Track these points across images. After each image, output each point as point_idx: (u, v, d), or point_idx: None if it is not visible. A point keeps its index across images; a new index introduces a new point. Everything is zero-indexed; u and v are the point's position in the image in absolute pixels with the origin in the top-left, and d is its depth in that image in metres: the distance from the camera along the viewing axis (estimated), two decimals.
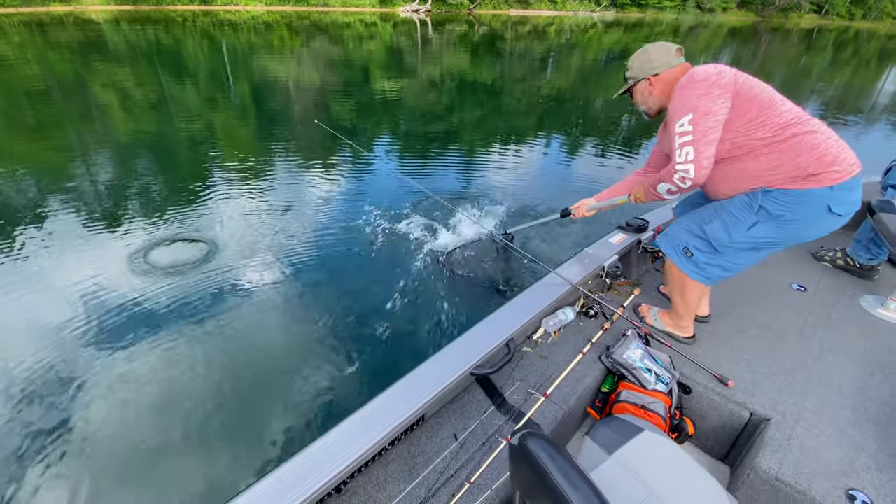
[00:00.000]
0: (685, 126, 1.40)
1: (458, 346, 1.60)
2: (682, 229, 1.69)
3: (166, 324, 2.70)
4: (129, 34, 19.76)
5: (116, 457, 1.96)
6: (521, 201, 4.41)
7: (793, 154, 1.37)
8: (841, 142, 1.39)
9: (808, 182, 1.37)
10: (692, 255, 1.64)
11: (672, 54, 1.57)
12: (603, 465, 1.25)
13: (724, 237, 1.55)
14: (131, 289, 2.98)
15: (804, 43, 27.70)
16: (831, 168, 1.35)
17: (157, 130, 6.70)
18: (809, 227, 1.45)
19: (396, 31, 25.99)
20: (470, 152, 6.11)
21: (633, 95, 1.71)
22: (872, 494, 1.26)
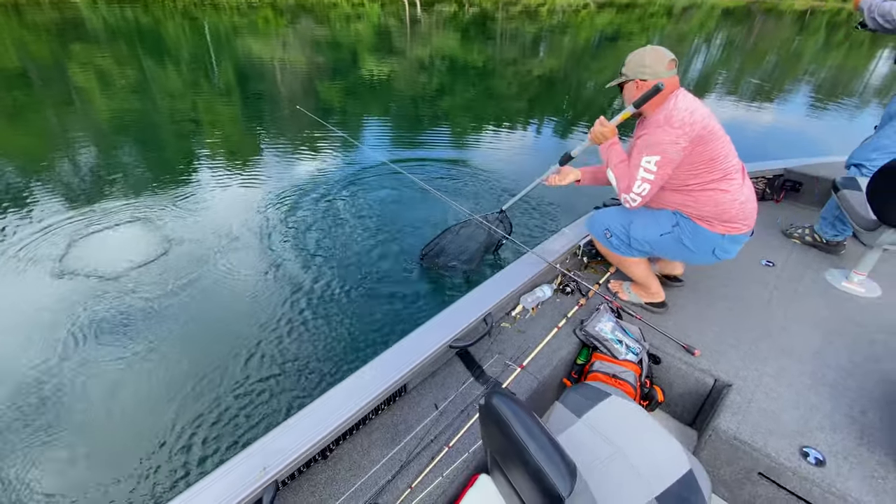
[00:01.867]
0: (651, 165, 1.59)
1: (438, 321, 1.67)
2: (608, 217, 1.92)
3: (151, 301, 2.74)
4: (107, 15, 19.13)
5: (115, 417, 2.03)
6: (513, 184, 4.45)
7: (703, 203, 1.66)
8: (747, 204, 1.67)
9: (707, 224, 1.69)
10: (610, 237, 1.89)
11: (665, 65, 1.61)
12: (572, 427, 1.33)
13: (640, 235, 1.81)
14: (108, 273, 3.01)
15: (797, 25, 27.64)
16: (727, 223, 1.68)
17: (136, 115, 6.59)
18: (695, 257, 1.79)
19: (384, 11, 25.45)
20: (459, 137, 6.10)
21: (622, 89, 1.78)
22: (825, 451, 1.36)
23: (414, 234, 3.52)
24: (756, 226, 2.59)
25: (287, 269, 3.08)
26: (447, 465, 1.34)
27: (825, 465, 1.32)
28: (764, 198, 3.00)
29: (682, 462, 1.21)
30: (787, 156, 3.13)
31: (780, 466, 1.34)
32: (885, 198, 1.75)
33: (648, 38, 18.43)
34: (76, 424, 2.06)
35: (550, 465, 0.86)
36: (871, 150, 2.14)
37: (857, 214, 1.92)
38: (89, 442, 1.99)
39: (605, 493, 1.16)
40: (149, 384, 2.25)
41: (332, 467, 1.34)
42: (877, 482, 1.27)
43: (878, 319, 1.90)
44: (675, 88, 1.62)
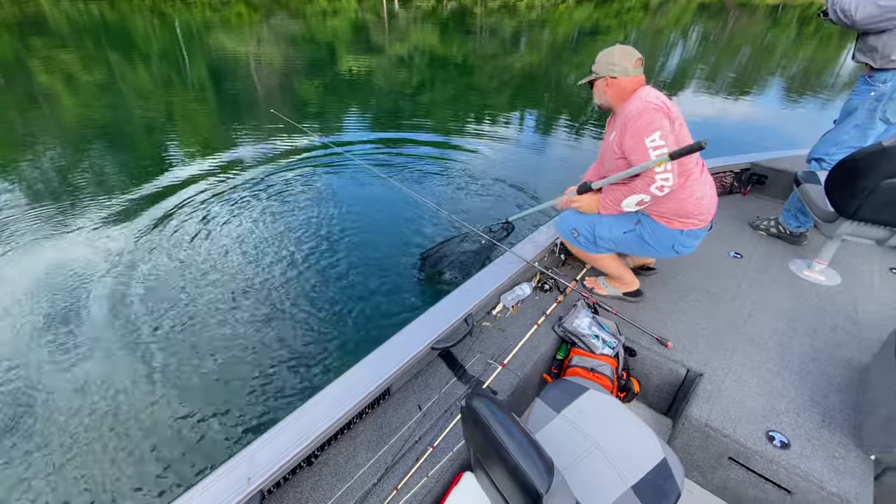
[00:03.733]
0: (657, 141, 1.57)
1: (419, 323, 1.70)
2: (575, 217, 1.97)
3: (136, 309, 2.70)
4: (71, 11, 18.37)
5: (91, 438, 1.99)
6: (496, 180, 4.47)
7: (663, 199, 1.71)
8: (703, 199, 1.73)
9: (665, 220, 1.76)
10: (578, 235, 1.95)
11: (632, 63, 1.69)
12: (551, 423, 1.37)
13: (606, 233, 1.88)
14: (85, 277, 2.94)
15: (770, 19, 28.36)
16: (684, 219, 1.74)
17: (102, 118, 6.39)
18: (656, 252, 1.86)
19: (361, 6, 25.13)
20: (441, 134, 6.09)
21: (592, 86, 1.85)
22: (789, 434, 1.44)
23: (394, 236, 3.51)
24: (724, 219, 2.69)
25: (265, 276, 3.05)
26: (432, 465, 1.37)
27: (790, 448, 1.39)
28: (732, 191, 3.11)
29: (657, 451, 1.26)
30: (757, 149, 3.25)
31: (749, 451, 1.41)
32: (842, 191, 1.84)
33: (626, 33, 18.68)
34: (55, 437, 2.02)
35: (528, 463, 0.89)
36: (830, 145, 2.24)
37: (817, 207, 2.02)
38: (68, 459, 1.95)
39: (584, 485, 1.20)
40: (126, 396, 2.21)
41: (317, 473, 1.35)
42: (838, 462, 1.35)
43: (839, 306, 2.00)
44: (642, 84, 1.71)
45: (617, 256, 2.00)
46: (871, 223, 1.86)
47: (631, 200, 1.70)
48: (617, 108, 1.77)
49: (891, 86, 1.99)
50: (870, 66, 2.06)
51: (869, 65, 2.05)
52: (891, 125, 2.07)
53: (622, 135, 1.68)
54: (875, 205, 1.79)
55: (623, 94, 1.73)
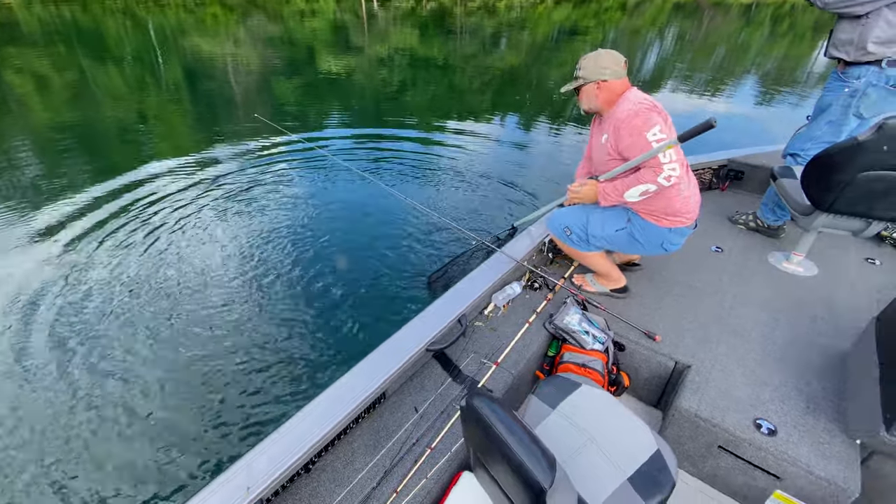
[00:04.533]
0: (658, 134, 1.58)
1: (413, 326, 1.70)
2: (567, 215, 1.97)
3: (125, 317, 2.63)
4: (43, 15, 17.75)
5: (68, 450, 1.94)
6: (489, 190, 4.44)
7: (653, 198, 1.73)
8: (690, 198, 1.77)
9: (654, 219, 1.78)
10: (570, 234, 1.95)
11: (621, 66, 1.73)
12: (547, 419, 1.39)
13: (599, 231, 1.90)
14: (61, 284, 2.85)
15: (744, 17, 29.14)
16: (672, 217, 1.77)
17: (75, 123, 6.19)
18: (645, 250, 1.90)
19: (340, 6, 24.92)
20: (425, 134, 6.09)
21: (578, 93, 1.85)
22: (776, 421, 1.48)
23: (387, 240, 3.49)
24: (704, 214, 2.76)
25: (253, 282, 3.01)
26: (430, 466, 1.37)
27: (777, 435, 1.44)
28: (711, 187, 3.19)
29: (650, 443, 1.29)
30: (734, 146, 3.34)
31: (737, 439, 1.45)
32: (818, 185, 1.91)
33: (605, 33, 18.96)
34: (54, 447, 1.96)
35: (531, 460, 0.90)
36: (805, 141, 2.32)
37: (794, 201, 2.09)
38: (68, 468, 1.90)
39: (582, 479, 1.22)
40: (122, 406, 2.16)
41: (315, 480, 1.34)
42: (823, 447, 1.39)
43: (817, 296, 2.07)
44: (629, 86, 1.75)
45: (605, 254, 2.03)
46: (846, 215, 1.94)
47: (635, 191, 1.68)
48: (606, 111, 1.79)
49: (864, 81, 2.07)
50: (843, 62, 2.13)
51: (842, 60, 2.13)
52: (864, 120, 2.15)
53: (617, 137, 1.69)
54: (851, 197, 1.86)
55: (613, 96, 1.75)
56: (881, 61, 1.99)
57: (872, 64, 2.01)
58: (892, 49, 1.96)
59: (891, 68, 1.99)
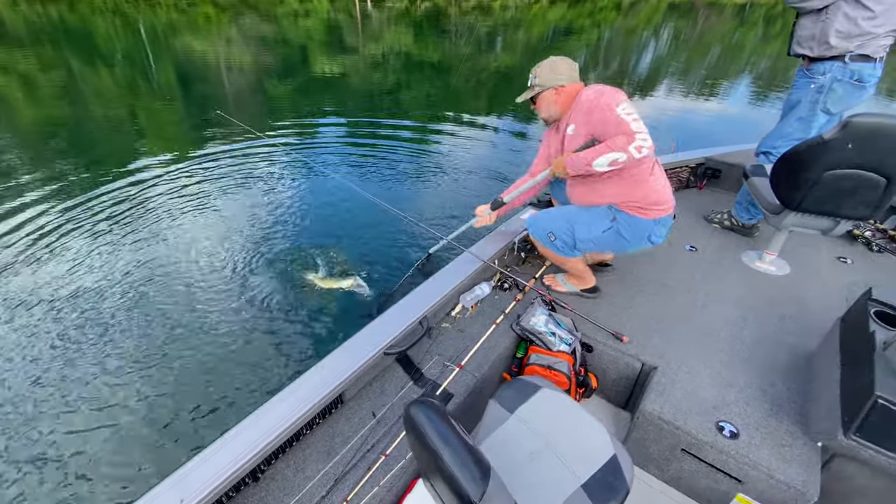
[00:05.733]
0: (626, 108, 1.58)
1: (373, 328, 1.66)
2: (550, 219, 1.92)
3: (65, 327, 2.57)
4: (30, 14, 17.61)
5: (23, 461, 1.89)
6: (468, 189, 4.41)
7: (634, 189, 1.73)
8: (666, 185, 1.78)
9: (640, 212, 1.76)
10: (555, 239, 1.90)
11: (576, 70, 1.77)
12: (506, 423, 1.36)
13: (586, 235, 1.86)
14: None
15: (737, 18, 29.26)
16: (656, 206, 1.75)
17: (61, 123, 6.13)
18: (631, 246, 1.86)
19: (334, 6, 24.86)
20: (410, 136, 6.06)
21: (534, 102, 1.86)
22: (739, 424, 1.46)
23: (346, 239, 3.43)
24: (681, 213, 2.74)
25: (209, 280, 2.95)
26: (384, 473, 1.34)
27: (739, 438, 1.41)
28: (688, 185, 3.17)
29: (607, 448, 1.26)
30: (718, 143, 3.33)
31: (700, 442, 1.43)
32: (786, 183, 1.89)
33: (600, 33, 18.98)
34: None
35: (462, 470, 0.87)
36: (776, 139, 2.30)
37: (765, 199, 2.07)
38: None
39: (537, 486, 1.19)
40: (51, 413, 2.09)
41: (263, 489, 1.31)
42: (785, 450, 1.37)
43: (788, 295, 2.05)
44: (583, 86, 1.78)
45: (583, 258, 2.01)
46: (815, 214, 1.92)
47: (604, 159, 1.62)
48: (564, 114, 1.81)
49: (829, 77, 2.06)
50: (808, 59, 2.12)
51: (807, 57, 2.12)
52: (832, 116, 2.14)
53: (587, 119, 1.68)
54: (818, 196, 1.84)
55: (570, 96, 1.78)
56: (844, 56, 1.98)
57: (836, 59, 2.01)
58: (853, 43, 1.95)
59: (854, 63, 1.98)
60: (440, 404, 1.03)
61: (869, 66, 2.00)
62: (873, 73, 2.02)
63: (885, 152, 1.68)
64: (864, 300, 1.47)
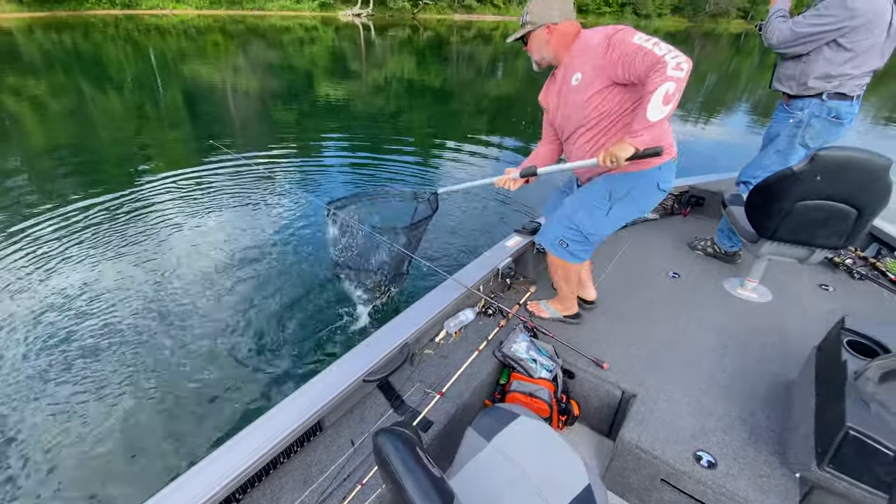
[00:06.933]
0: (643, 37, 1.40)
1: (354, 354, 1.68)
2: (554, 225, 1.86)
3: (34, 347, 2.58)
4: (44, 42, 18.24)
5: None
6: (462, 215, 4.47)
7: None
8: (668, 129, 1.61)
9: (641, 165, 1.61)
10: (567, 245, 1.82)
11: (570, 6, 1.58)
12: (482, 452, 1.36)
13: (591, 225, 1.76)
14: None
15: (733, 47, 30.05)
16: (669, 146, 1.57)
17: (68, 146, 6.28)
18: (647, 202, 1.73)
19: (339, 35, 25.67)
20: (408, 160, 6.18)
21: (527, 43, 1.68)
22: (717, 454, 1.46)
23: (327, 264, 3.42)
24: (665, 240, 2.78)
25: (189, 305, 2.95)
26: (359, 503, 1.33)
27: (717, 468, 1.41)
28: (673, 212, 3.23)
29: (582, 477, 1.26)
30: (704, 172, 3.40)
31: (678, 472, 1.42)
32: (760, 213, 1.94)
33: None
34: None
35: (423, 501, 0.88)
36: (755, 169, 2.37)
37: (743, 228, 2.11)
38: None
39: None
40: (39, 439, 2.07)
41: None
42: (763, 480, 1.36)
43: (769, 323, 2.07)
44: (581, 28, 1.61)
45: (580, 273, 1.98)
46: (790, 243, 1.96)
47: (656, 102, 1.35)
48: (560, 59, 1.63)
49: (807, 112, 2.14)
50: (787, 95, 2.21)
51: (786, 93, 2.20)
52: (809, 150, 2.20)
53: (603, 63, 1.47)
54: (791, 226, 1.88)
55: (567, 39, 1.59)
56: (822, 94, 2.06)
57: (814, 97, 2.08)
58: (831, 83, 2.03)
59: (831, 101, 2.06)
60: (408, 433, 1.04)
61: (846, 104, 2.07)
62: (850, 110, 2.09)
63: (854, 184, 1.73)
64: (838, 329, 1.49)
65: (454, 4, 42.79)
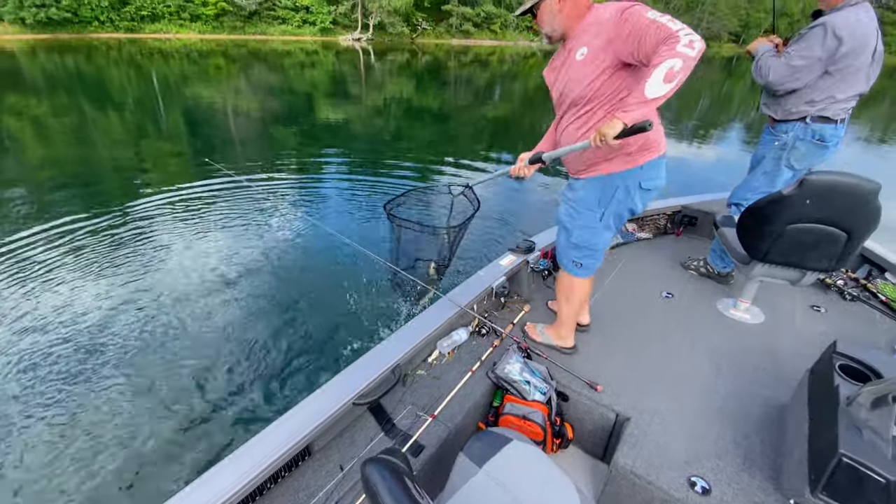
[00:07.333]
0: (657, 14, 1.32)
1: (344, 377, 1.65)
2: (562, 250, 1.86)
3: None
4: (46, 64, 18.57)
5: None
6: None
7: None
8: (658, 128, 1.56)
9: (625, 164, 1.57)
10: (581, 265, 1.81)
11: None
12: (474, 478, 1.33)
13: (591, 237, 1.73)
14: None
15: (725, 70, 30.87)
16: (646, 151, 1.56)
17: (67, 165, 6.32)
18: (635, 201, 1.66)
19: (339, 59, 26.25)
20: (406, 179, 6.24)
21: (536, 15, 1.57)
22: (711, 479, 1.43)
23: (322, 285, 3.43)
24: (658, 259, 2.79)
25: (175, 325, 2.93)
26: None
27: (711, 494, 1.38)
28: (666, 232, 3.25)
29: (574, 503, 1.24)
30: (698, 191, 3.44)
31: (672, 498, 1.39)
32: (752, 235, 1.96)
33: None
34: None
35: None
36: (745, 191, 2.40)
37: (734, 250, 2.13)
38: None
39: None
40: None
41: None
42: None
43: (762, 344, 2.06)
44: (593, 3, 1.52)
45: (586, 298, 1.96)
46: (781, 265, 1.97)
47: (657, 78, 1.26)
48: (571, 30, 1.52)
49: (792, 135, 2.18)
50: (772, 118, 2.26)
51: (772, 117, 2.25)
52: (796, 171, 2.24)
53: (611, 38, 1.38)
54: (782, 248, 1.90)
55: (578, 9, 1.49)
56: (805, 117, 2.11)
57: (798, 120, 2.13)
58: (815, 107, 2.08)
59: (815, 124, 2.10)
60: (396, 461, 1.02)
61: (830, 127, 2.11)
62: (835, 133, 2.13)
63: (842, 208, 1.75)
64: (830, 353, 1.48)
65: (452, 30, 43.99)
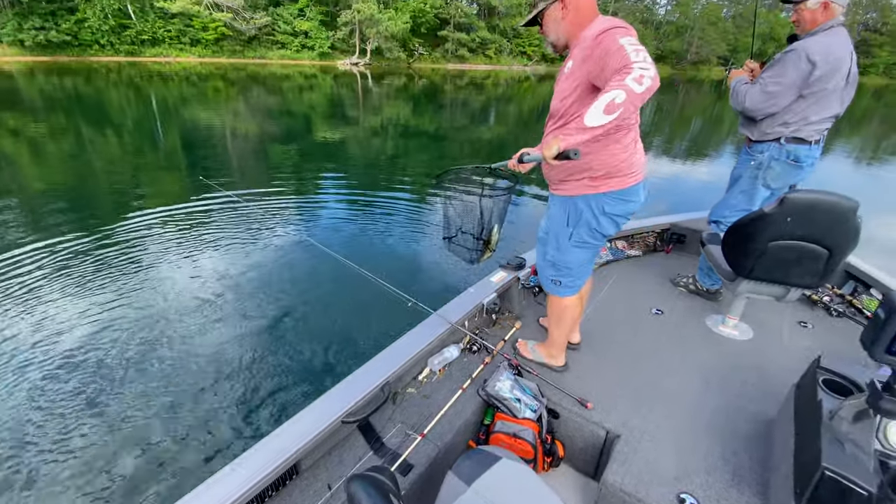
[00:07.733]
0: (633, 41, 1.27)
1: (332, 394, 1.64)
2: (541, 268, 1.89)
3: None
4: (45, 86, 18.81)
5: None
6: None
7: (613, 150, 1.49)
8: (635, 153, 1.55)
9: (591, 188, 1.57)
10: (560, 283, 1.81)
11: None
12: (462, 497, 1.32)
13: (560, 255, 1.74)
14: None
15: (715, 92, 31.79)
16: (609, 177, 1.54)
17: (64, 186, 6.35)
18: (601, 226, 1.65)
19: (337, 82, 26.77)
20: (396, 202, 6.31)
21: (541, 24, 1.55)
22: (700, 496, 1.43)
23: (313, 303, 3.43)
24: (648, 276, 2.83)
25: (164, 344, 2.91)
26: None
27: None
28: (655, 249, 3.30)
29: None
30: (686, 210, 3.51)
31: None
32: (736, 252, 2.00)
33: None
34: None
35: None
36: (724, 209, 2.46)
37: (720, 267, 2.17)
38: None
39: None
40: None
41: None
42: None
43: (750, 361, 2.08)
44: (598, 13, 1.49)
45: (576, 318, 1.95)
46: (766, 282, 2.01)
47: (598, 107, 1.21)
48: (574, 39, 1.49)
49: (767, 155, 2.25)
50: (749, 139, 2.34)
51: (748, 137, 2.33)
52: (773, 190, 2.31)
53: (589, 53, 1.36)
54: (766, 265, 1.94)
55: (583, 17, 1.45)
56: (780, 139, 2.19)
57: (773, 141, 2.21)
58: (789, 128, 2.16)
59: (789, 144, 2.18)
60: (382, 478, 1.01)
61: (804, 148, 2.18)
62: (809, 153, 2.20)
63: (823, 226, 1.80)
64: (814, 368, 1.50)
65: (447, 55, 45.14)
